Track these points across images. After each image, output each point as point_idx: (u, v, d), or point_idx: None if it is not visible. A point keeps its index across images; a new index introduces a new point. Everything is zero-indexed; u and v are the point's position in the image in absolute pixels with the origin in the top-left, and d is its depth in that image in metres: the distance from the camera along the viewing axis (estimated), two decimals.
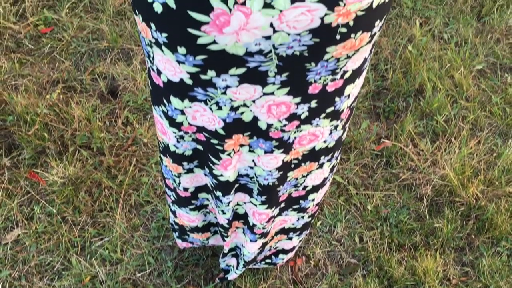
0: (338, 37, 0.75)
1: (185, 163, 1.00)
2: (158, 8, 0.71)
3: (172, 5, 0.69)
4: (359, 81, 0.90)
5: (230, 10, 0.68)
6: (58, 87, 1.86)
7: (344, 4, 0.70)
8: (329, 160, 1.05)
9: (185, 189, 1.09)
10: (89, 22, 2.06)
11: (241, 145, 0.95)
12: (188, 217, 1.20)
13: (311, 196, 1.15)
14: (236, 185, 1.06)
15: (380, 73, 2.02)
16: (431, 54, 2.06)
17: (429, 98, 1.91)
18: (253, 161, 0.99)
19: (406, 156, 1.78)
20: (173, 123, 0.89)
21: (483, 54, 2.08)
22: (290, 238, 1.34)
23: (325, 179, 1.11)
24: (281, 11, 0.69)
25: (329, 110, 0.90)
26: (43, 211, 1.58)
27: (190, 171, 1.02)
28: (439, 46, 2.11)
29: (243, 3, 0.67)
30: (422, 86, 1.96)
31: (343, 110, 0.93)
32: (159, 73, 0.83)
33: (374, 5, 0.74)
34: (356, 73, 0.87)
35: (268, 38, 0.72)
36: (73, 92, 1.87)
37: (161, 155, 1.04)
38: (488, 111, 1.92)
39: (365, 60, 0.86)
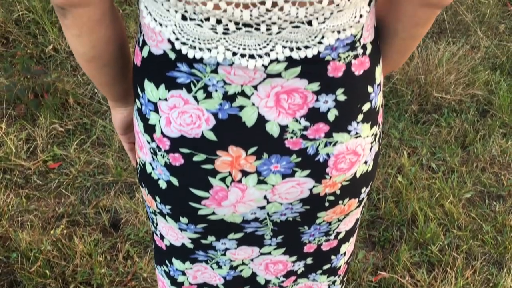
0: (327, 204, 0.83)
1: None
2: (162, 184, 0.80)
3: (176, 183, 0.78)
4: (353, 239, 0.97)
5: (228, 187, 0.77)
6: (62, 222, 1.92)
7: (330, 177, 0.79)
8: None
9: None
10: (95, 157, 2.18)
11: None
12: None
13: None
14: None
15: (373, 203, 2.10)
16: (420, 184, 2.16)
17: (422, 227, 1.97)
18: None
19: None
20: (174, 282, 0.95)
21: (471, 183, 2.18)
22: None
23: None
24: (273, 185, 0.77)
25: (325, 267, 0.95)
26: None
27: None
28: (427, 175, 2.21)
29: (239, 181, 0.76)
30: (414, 216, 2.03)
31: (340, 267, 0.98)
32: (162, 237, 0.90)
33: (358, 175, 0.83)
34: (350, 233, 0.93)
35: (262, 208, 0.80)
36: (77, 227, 1.93)
37: None
38: (481, 240, 1.97)
39: (357, 221, 0.93)
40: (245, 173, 0.75)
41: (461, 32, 3.01)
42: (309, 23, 0.64)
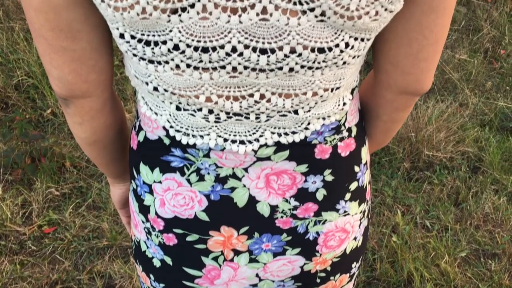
0: (318, 280, 0.84)
1: None
2: (157, 263, 0.81)
3: (169, 262, 0.80)
4: None
5: (220, 266, 0.78)
6: None
7: (320, 254, 0.81)
8: None
9: None
10: (90, 221, 2.19)
11: None
12: None
13: None
14: None
15: (368, 263, 2.10)
16: (415, 243, 2.16)
17: None
18: None
19: None
20: None
21: (465, 241, 2.19)
22: None
23: None
24: (265, 264, 0.79)
25: None
26: None
27: None
28: (422, 234, 2.22)
29: (231, 260, 0.78)
30: (411, 276, 2.02)
31: None
32: None
33: (348, 251, 0.84)
34: None
35: (255, 285, 0.81)
36: None
37: None
38: None
39: None
40: (237, 252, 0.77)
41: (449, 90, 3.10)
42: (296, 112, 0.68)
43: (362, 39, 0.62)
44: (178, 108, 0.69)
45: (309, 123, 0.70)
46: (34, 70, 2.75)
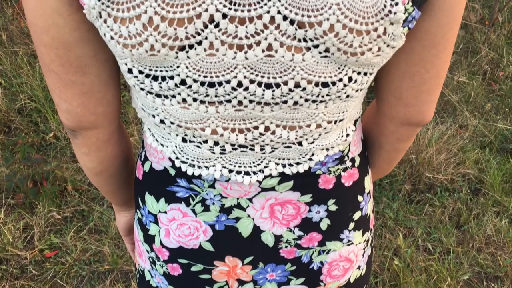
0: None
1: None
2: None
3: None
4: None
5: None
6: None
7: (325, 284, 0.81)
8: None
9: None
10: (92, 244, 2.18)
11: None
12: None
13: None
14: None
15: (371, 287, 2.09)
16: (417, 266, 2.16)
17: None
18: None
19: None
20: None
21: (468, 264, 2.18)
22: None
23: None
24: None
25: None
26: None
27: None
28: (423, 257, 2.21)
29: None
30: None
31: None
32: None
33: (352, 280, 0.85)
34: None
35: None
36: None
37: None
38: None
39: None
40: (241, 282, 0.78)
41: (449, 112, 3.12)
42: (300, 143, 0.69)
43: (365, 74, 0.63)
44: (184, 140, 0.70)
45: (313, 154, 0.71)
46: (37, 94, 2.78)
